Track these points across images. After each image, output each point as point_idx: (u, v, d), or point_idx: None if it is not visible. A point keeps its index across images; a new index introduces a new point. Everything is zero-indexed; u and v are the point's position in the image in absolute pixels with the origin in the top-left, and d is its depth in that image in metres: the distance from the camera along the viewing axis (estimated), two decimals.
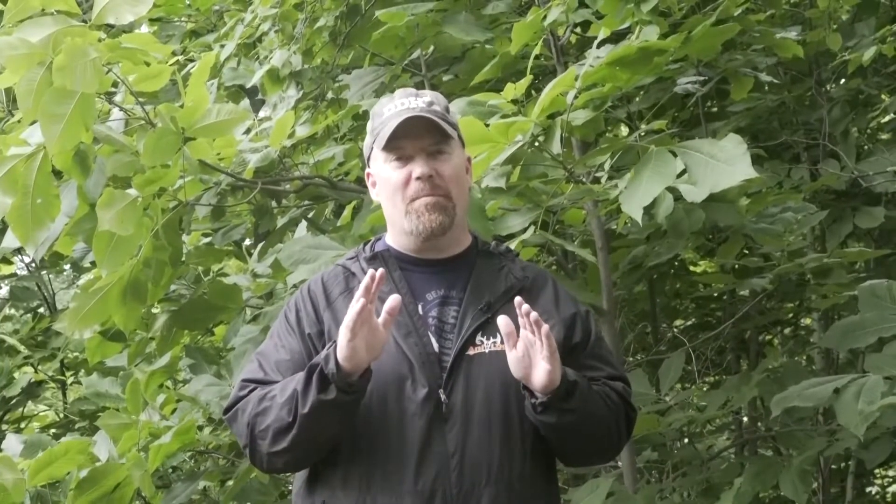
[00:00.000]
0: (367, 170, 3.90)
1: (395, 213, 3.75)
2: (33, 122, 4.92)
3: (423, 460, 3.58)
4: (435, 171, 3.68)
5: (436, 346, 3.68)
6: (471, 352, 3.69)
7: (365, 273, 3.64)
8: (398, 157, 3.70)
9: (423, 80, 6.41)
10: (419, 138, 3.69)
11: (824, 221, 6.55)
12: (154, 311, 5.88)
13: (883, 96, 7.31)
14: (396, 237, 3.82)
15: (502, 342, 3.66)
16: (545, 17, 5.09)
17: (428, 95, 3.79)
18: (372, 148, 3.79)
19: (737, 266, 6.49)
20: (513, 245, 4.69)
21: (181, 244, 5.64)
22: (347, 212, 5.98)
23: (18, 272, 11.17)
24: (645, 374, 5.74)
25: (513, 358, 3.58)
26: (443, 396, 3.62)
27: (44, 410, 11.63)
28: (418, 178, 3.67)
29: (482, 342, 3.71)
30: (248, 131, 5.97)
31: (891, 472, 9.93)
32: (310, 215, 6.30)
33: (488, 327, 3.71)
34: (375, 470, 3.59)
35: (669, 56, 4.99)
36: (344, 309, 3.61)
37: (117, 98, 5.36)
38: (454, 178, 3.73)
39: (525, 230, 4.82)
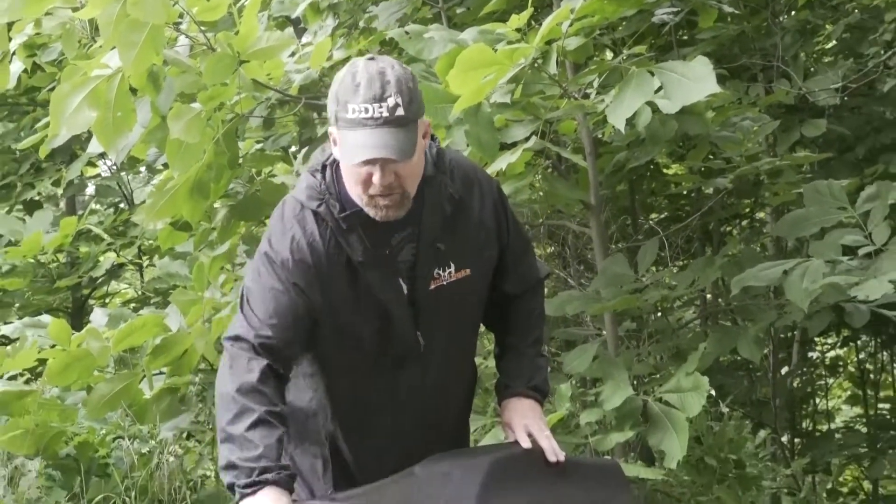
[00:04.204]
0: (330, 126, 3.41)
1: (353, 192, 3.41)
2: (113, 48, 4.90)
3: (404, 403, 3.57)
4: (394, 176, 3.32)
5: (405, 288, 3.52)
6: (432, 286, 3.54)
7: (345, 229, 3.44)
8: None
9: (440, 12, 6.34)
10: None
11: (776, 130, 6.52)
12: (215, 206, 5.88)
13: (827, 26, 7.27)
14: (354, 199, 3.44)
15: (456, 270, 3.57)
16: None
17: (392, 94, 3.28)
18: (337, 126, 3.31)
19: (703, 168, 6.46)
20: (517, 153, 4.68)
21: (238, 150, 5.63)
22: None
23: (102, 174, 11.19)
24: (625, 259, 5.72)
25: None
26: (421, 340, 3.55)
27: (125, 288, 11.72)
28: (376, 185, 3.32)
29: (440, 275, 3.55)
30: (293, 55, 5.93)
31: (829, 340, 9.95)
32: None
33: (442, 258, 3.55)
34: (364, 420, 3.55)
35: None
36: (333, 280, 3.44)
37: (183, 27, 5.33)
38: (411, 174, 3.38)
39: (527, 139, 4.81)
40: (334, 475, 3.63)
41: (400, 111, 3.27)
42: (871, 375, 10.33)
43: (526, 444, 3.60)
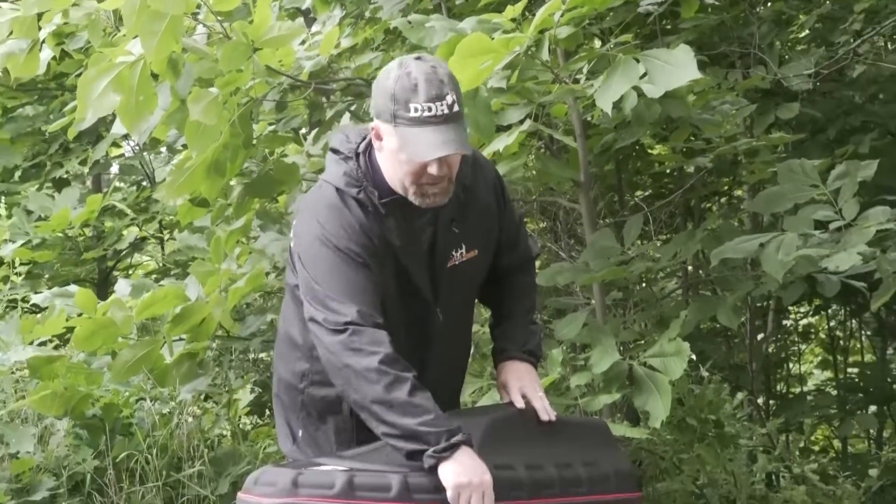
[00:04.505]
0: (376, 122, 3.40)
1: (399, 182, 3.42)
2: (135, 37, 4.90)
3: (425, 375, 3.47)
4: (447, 166, 3.36)
5: (428, 270, 3.55)
6: (450, 264, 3.58)
7: (384, 215, 3.42)
8: None
9: (440, 3, 6.32)
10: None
11: (753, 113, 6.51)
12: (231, 183, 5.87)
13: (800, 16, 7.26)
14: (393, 184, 3.45)
15: (467, 251, 3.60)
16: None
17: (448, 91, 3.30)
18: (394, 125, 3.31)
19: (684, 148, 6.46)
20: (513, 135, 4.69)
21: (252, 131, 5.62)
22: None
23: (126, 154, 11.19)
24: (612, 233, 5.72)
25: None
26: (441, 316, 3.57)
27: (146, 260, 11.70)
28: (432, 176, 3.34)
29: (454, 256, 3.58)
30: (303, 43, 5.92)
31: (802, 309, 9.96)
32: (352, 108, 6.26)
33: (456, 240, 3.58)
34: None
35: None
36: (381, 260, 3.42)
37: (200, 17, 5.33)
38: (457, 163, 3.42)
39: (522, 121, 4.82)
40: (359, 439, 3.57)
41: (456, 107, 3.31)
42: (841, 342, 10.36)
43: (520, 403, 3.61)
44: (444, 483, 3.24)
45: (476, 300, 3.91)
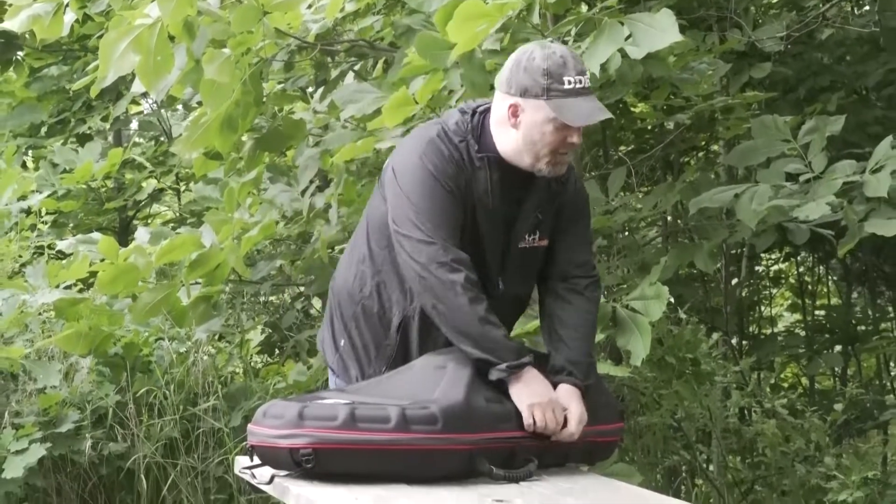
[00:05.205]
0: (515, 99, 3.44)
1: (532, 151, 3.43)
2: (153, 1, 4.88)
3: None
4: (580, 137, 3.47)
5: (502, 240, 3.56)
6: (521, 245, 3.59)
7: (474, 164, 3.47)
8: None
9: None
10: None
11: (729, 73, 6.50)
12: (243, 138, 5.86)
13: None
14: (517, 155, 3.47)
15: (540, 238, 3.62)
16: None
17: (586, 69, 3.48)
18: (546, 98, 3.38)
19: (665, 106, 6.45)
20: None
21: (262, 90, 5.60)
22: (380, 65, 6.02)
23: (144, 111, 11.16)
24: (598, 185, 5.72)
25: None
26: (501, 285, 3.56)
27: (164, 210, 11.70)
28: (571, 144, 3.43)
29: (527, 239, 3.60)
30: (309, 7, 5.88)
31: (773, 256, 9.99)
32: (355, 68, 6.24)
33: (535, 226, 3.61)
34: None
35: None
36: (464, 202, 3.46)
37: None
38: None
39: None
40: (394, 360, 3.60)
41: (590, 81, 3.46)
42: (809, 286, 10.41)
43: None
44: (515, 401, 3.34)
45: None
